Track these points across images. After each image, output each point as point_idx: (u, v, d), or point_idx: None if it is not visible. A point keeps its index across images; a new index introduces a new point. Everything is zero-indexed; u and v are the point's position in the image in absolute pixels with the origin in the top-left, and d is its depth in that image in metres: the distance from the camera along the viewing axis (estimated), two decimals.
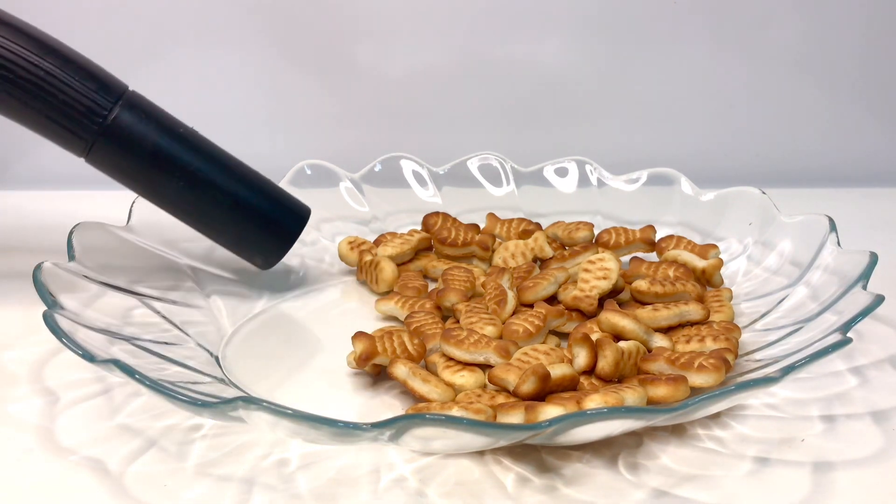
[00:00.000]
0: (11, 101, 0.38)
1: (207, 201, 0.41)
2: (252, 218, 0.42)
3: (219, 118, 0.64)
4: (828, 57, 0.65)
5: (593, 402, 0.32)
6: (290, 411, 0.28)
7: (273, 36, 0.63)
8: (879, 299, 0.34)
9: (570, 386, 0.34)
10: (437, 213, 0.49)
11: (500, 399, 0.34)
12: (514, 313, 0.40)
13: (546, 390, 0.33)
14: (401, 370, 0.35)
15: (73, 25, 0.61)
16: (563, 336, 0.40)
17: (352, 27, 0.64)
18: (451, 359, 0.37)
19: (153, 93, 0.45)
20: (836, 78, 0.65)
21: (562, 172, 0.53)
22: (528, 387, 0.33)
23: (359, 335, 0.37)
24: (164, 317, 0.39)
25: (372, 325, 0.42)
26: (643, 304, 0.41)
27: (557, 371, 0.34)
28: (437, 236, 0.48)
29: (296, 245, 0.45)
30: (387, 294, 0.44)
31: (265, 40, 0.63)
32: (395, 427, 0.28)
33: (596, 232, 0.48)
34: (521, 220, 0.49)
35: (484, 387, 0.35)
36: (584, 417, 0.28)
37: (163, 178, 0.40)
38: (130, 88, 0.41)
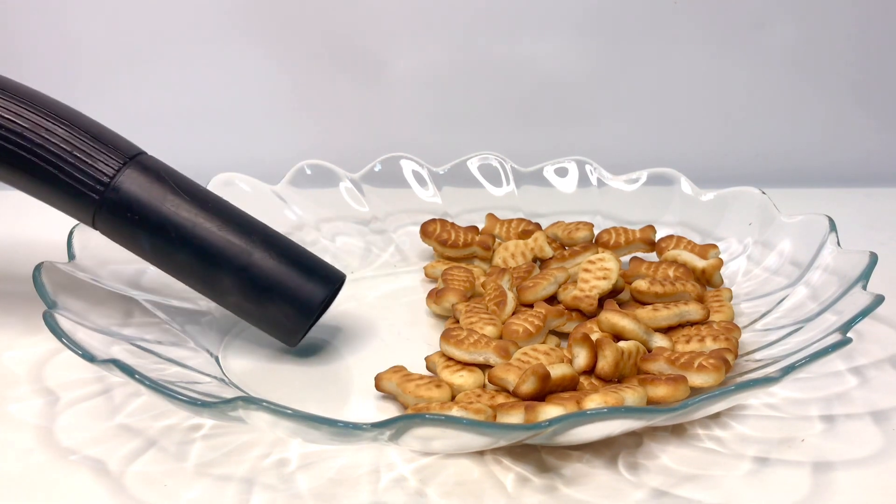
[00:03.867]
0: (15, 171, 0.37)
1: (217, 273, 0.37)
2: (268, 289, 0.38)
3: (219, 118, 0.64)
4: (828, 57, 0.65)
5: (593, 402, 0.32)
6: (289, 411, 0.28)
7: (273, 36, 0.63)
8: (879, 299, 0.34)
9: (569, 386, 0.34)
10: (434, 220, 0.49)
11: (500, 399, 0.34)
12: (514, 313, 0.40)
13: (546, 390, 0.33)
14: (389, 384, 0.35)
15: (74, 25, 0.61)
16: (563, 336, 0.40)
17: (352, 27, 0.64)
18: (450, 359, 0.37)
19: (152, 93, 0.45)
20: (835, 78, 0.65)
21: (562, 172, 0.53)
22: (527, 387, 0.33)
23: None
24: (164, 317, 0.39)
25: (371, 325, 0.42)
26: (643, 304, 0.41)
27: (557, 371, 0.34)
28: (437, 239, 0.48)
29: None
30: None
31: (265, 40, 0.63)
32: (394, 427, 0.28)
33: (596, 232, 0.48)
34: (521, 220, 0.49)
35: (483, 387, 0.35)
36: (583, 417, 0.28)
37: (169, 244, 0.37)
38: (143, 153, 0.38)
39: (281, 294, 0.37)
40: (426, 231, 0.49)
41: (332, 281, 0.39)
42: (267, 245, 0.38)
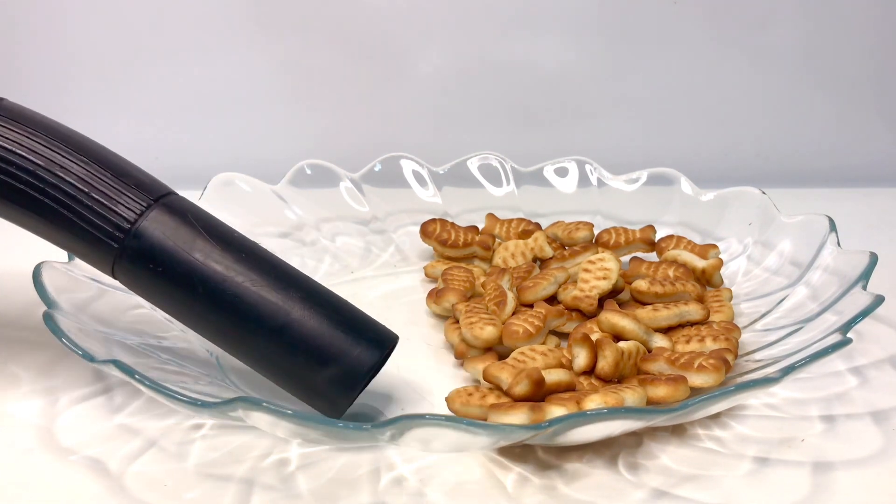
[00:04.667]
0: (27, 213, 0.33)
1: (251, 334, 0.33)
2: (308, 354, 0.32)
3: (219, 118, 0.64)
4: (828, 57, 0.65)
5: (593, 402, 0.32)
6: (289, 411, 0.28)
7: (274, 36, 0.63)
8: (879, 299, 0.34)
9: (566, 391, 0.34)
10: (434, 220, 0.49)
11: (491, 399, 0.33)
12: (514, 313, 0.40)
13: (540, 394, 0.33)
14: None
15: (73, 25, 0.61)
16: (563, 336, 0.40)
17: (352, 28, 0.64)
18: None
19: (152, 93, 0.45)
20: (836, 78, 0.65)
21: (562, 172, 0.53)
22: (520, 388, 0.33)
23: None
24: (164, 317, 0.39)
25: None
26: (643, 304, 0.41)
27: (553, 377, 0.34)
28: (437, 239, 0.48)
29: (296, 245, 0.45)
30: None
31: (266, 40, 0.63)
32: (394, 427, 0.28)
33: (596, 232, 0.48)
34: (521, 220, 0.49)
35: (477, 385, 0.35)
36: (583, 418, 0.28)
37: (196, 306, 0.33)
38: (171, 193, 0.34)
39: (324, 360, 0.32)
40: (426, 231, 0.49)
41: (382, 344, 0.34)
42: (308, 301, 0.33)
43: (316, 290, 0.34)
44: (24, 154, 0.32)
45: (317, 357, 0.32)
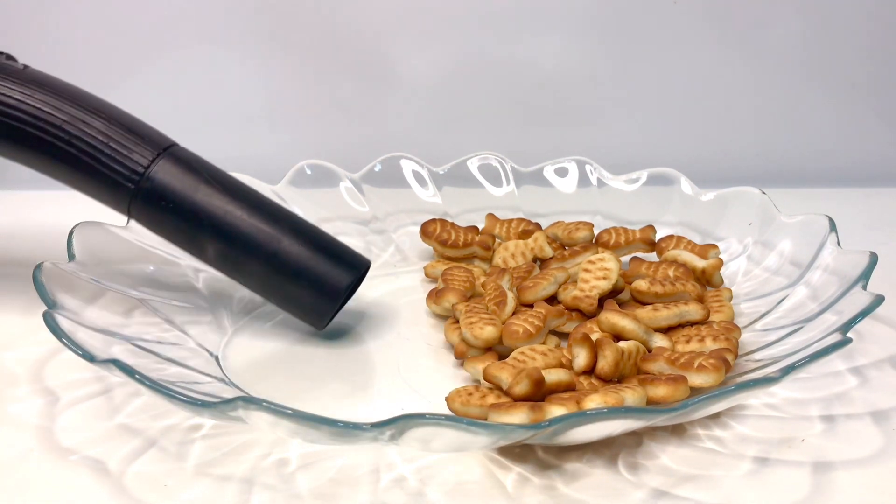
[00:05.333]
0: (54, 162, 0.38)
1: (248, 259, 0.39)
2: (296, 275, 0.39)
3: (219, 118, 0.64)
4: (828, 57, 0.65)
5: (593, 402, 0.32)
6: (289, 411, 0.28)
7: (273, 35, 0.63)
8: (879, 299, 0.34)
9: (566, 391, 0.34)
10: (434, 220, 0.49)
11: (491, 399, 0.34)
12: (514, 313, 0.40)
13: (539, 394, 0.33)
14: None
15: (72, 25, 0.61)
16: (563, 336, 0.40)
17: (353, 28, 0.64)
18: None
19: (152, 93, 0.45)
20: (836, 78, 0.65)
21: (562, 172, 0.53)
22: (520, 388, 0.33)
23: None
24: (163, 317, 0.39)
25: (371, 325, 0.42)
26: (643, 304, 0.41)
27: (553, 377, 0.34)
28: (437, 239, 0.48)
29: None
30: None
31: (265, 39, 0.63)
32: (394, 427, 0.28)
33: (596, 232, 0.48)
34: (521, 220, 0.49)
35: (477, 384, 0.35)
36: (583, 417, 0.28)
37: (202, 232, 0.39)
38: (175, 145, 0.40)
39: (308, 279, 0.39)
40: (426, 231, 0.49)
41: (357, 266, 0.41)
42: (295, 232, 0.39)
43: (300, 223, 0.40)
44: (51, 111, 0.38)
45: (304, 277, 0.39)
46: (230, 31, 0.62)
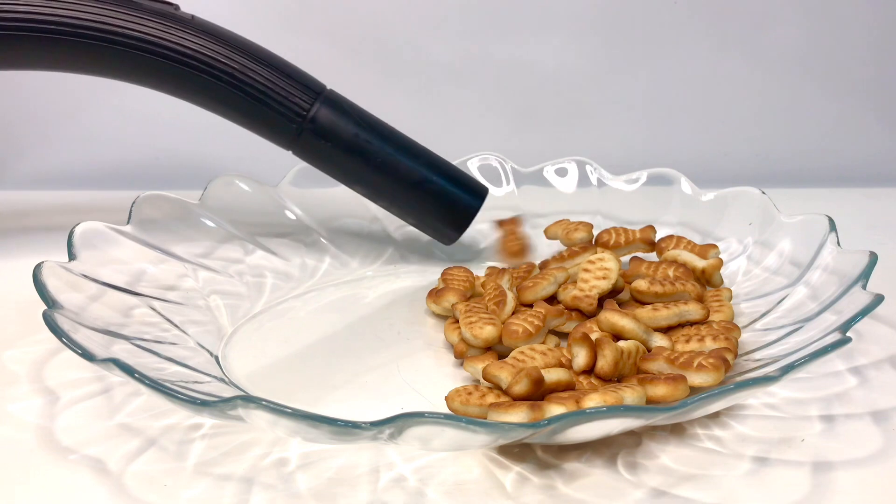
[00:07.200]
0: (226, 104, 0.44)
1: (395, 184, 0.46)
2: (435, 197, 0.47)
3: (219, 118, 0.64)
4: (828, 57, 0.65)
5: (592, 401, 0.32)
6: (288, 410, 0.28)
7: (274, 35, 0.63)
8: (879, 299, 0.34)
9: (565, 390, 0.34)
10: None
11: (491, 398, 0.34)
12: (513, 313, 0.40)
13: (539, 393, 0.33)
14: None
15: None
16: (563, 336, 0.40)
17: (352, 27, 0.64)
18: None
19: (153, 93, 0.45)
20: (836, 78, 0.65)
21: (562, 172, 0.53)
22: (520, 388, 0.33)
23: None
24: (164, 317, 0.39)
25: (371, 325, 0.42)
26: (643, 303, 0.41)
27: (552, 376, 0.34)
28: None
29: (296, 245, 0.45)
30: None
31: (266, 40, 0.63)
32: (394, 425, 0.28)
33: (596, 232, 0.48)
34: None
35: (476, 384, 0.35)
36: (582, 416, 0.28)
37: (357, 165, 0.45)
38: (326, 88, 0.46)
39: (447, 205, 0.47)
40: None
41: (482, 194, 0.48)
42: (432, 164, 0.47)
43: (434, 157, 0.47)
44: (223, 60, 0.43)
45: (443, 203, 0.47)
46: (230, 29, 0.62)
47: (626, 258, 0.46)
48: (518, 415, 0.31)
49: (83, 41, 0.42)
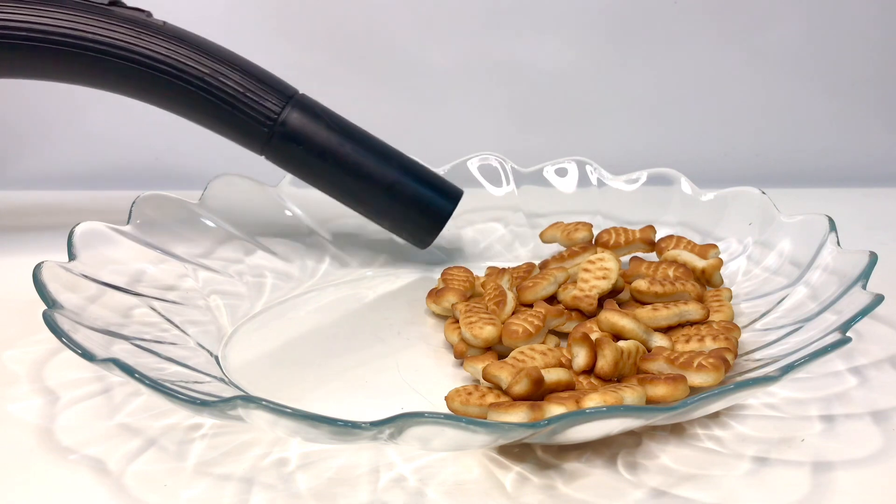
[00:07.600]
0: (196, 109, 0.44)
1: (367, 188, 0.46)
2: (408, 201, 0.46)
3: None
4: (828, 57, 0.65)
5: (592, 400, 0.32)
6: (288, 410, 0.28)
7: (274, 35, 0.63)
8: (879, 299, 0.34)
9: (565, 390, 0.34)
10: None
11: (491, 398, 0.34)
12: (513, 313, 0.40)
13: (539, 393, 0.33)
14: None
15: None
16: (563, 336, 0.40)
17: (353, 27, 0.64)
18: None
19: None
20: (836, 78, 0.65)
21: (562, 172, 0.53)
22: (520, 388, 0.33)
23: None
24: (164, 317, 0.39)
25: (371, 325, 0.42)
26: (643, 303, 0.41)
27: (552, 376, 0.34)
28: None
29: (296, 245, 0.45)
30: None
31: (266, 39, 0.63)
32: (394, 425, 0.28)
33: (596, 232, 0.48)
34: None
35: (476, 384, 0.35)
36: (582, 416, 0.28)
37: (328, 168, 0.45)
38: (297, 92, 0.46)
39: (419, 208, 0.47)
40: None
41: (456, 196, 0.48)
42: (403, 167, 0.46)
43: (407, 159, 0.47)
44: (193, 65, 0.43)
45: (414, 206, 0.46)
46: (231, 29, 0.62)
47: (626, 258, 0.46)
48: (518, 415, 0.31)
49: (54, 48, 0.42)
